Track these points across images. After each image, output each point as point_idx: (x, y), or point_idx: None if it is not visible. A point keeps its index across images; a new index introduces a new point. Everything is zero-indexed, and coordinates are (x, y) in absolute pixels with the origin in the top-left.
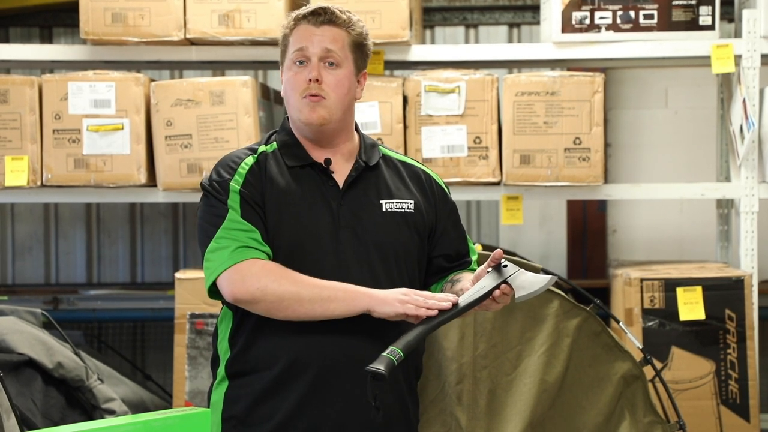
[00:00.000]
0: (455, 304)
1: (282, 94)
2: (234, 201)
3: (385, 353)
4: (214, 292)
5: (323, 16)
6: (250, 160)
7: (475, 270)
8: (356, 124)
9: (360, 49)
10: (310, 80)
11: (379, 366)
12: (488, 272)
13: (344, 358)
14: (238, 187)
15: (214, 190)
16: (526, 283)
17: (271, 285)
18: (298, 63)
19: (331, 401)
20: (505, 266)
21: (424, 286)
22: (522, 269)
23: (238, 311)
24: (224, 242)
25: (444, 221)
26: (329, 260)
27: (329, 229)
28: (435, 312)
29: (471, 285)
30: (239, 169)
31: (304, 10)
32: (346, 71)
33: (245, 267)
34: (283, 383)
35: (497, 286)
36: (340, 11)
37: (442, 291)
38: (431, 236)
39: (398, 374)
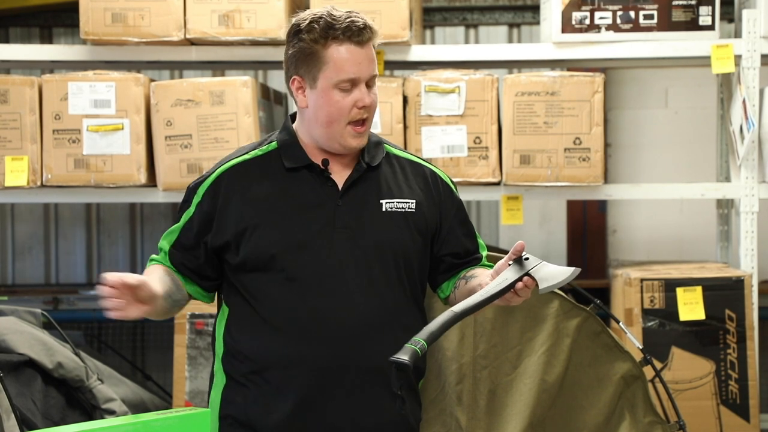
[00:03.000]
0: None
1: (303, 106)
2: (188, 214)
3: (408, 344)
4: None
5: (367, 34)
6: (235, 161)
7: (486, 266)
8: None
9: None
10: (363, 107)
11: (403, 356)
12: (509, 265)
13: (342, 361)
14: (198, 200)
15: (185, 195)
16: (549, 275)
17: None
18: (342, 89)
19: (329, 403)
20: (527, 259)
21: (435, 284)
22: (544, 261)
23: (230, 307)
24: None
25: (450, 220)
26: (322, 262)
27: (322, 231)
28: None
29: (491, 279)
30: (212, 175)
31: (340, 23)
32: (376, 86)
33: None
34: (284, 384)
35: (519, 279)
36: (369, 20)
37: (455, 288)
38: (438, 235)
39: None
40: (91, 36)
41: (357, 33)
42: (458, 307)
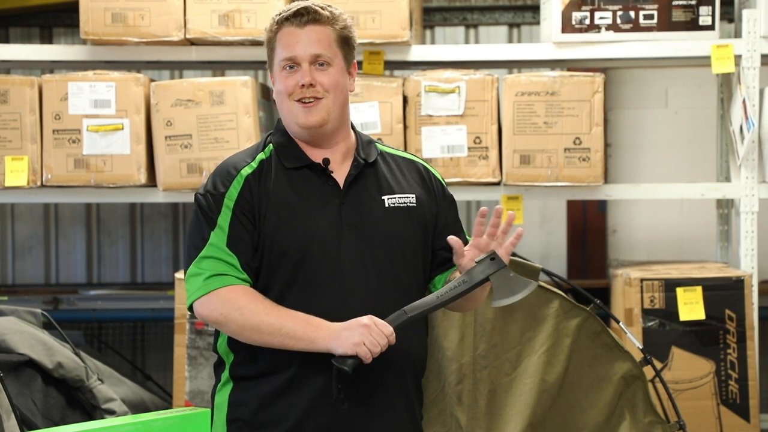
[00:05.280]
0: (439, 297)
1: (274, 96)
2: (224, 220)
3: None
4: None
5: (306, 16)
6: (247, 170)
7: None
8: (351, 122)
9: (347, 43)
10: (303, 85)
11: (344, 365)
12: (476, 263)
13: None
14: (232, 204)
15: (207, 205)
16: (506, 286)
17: (233, 313)
18: (288, 68)
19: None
20: (493, 259)
21: (427, 279)
22: (507, 266)
23: None
24: (202, 268)
25: (445, 214)
26: (334, 260)
27: (332, 230)
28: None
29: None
30: (234, 183)
31: (286, 11)
32: (337, 68)
33: (214, 294)
34: (292, 387)
35: (479, 283)
36: (322, 8)
37: (446, 283)
38: (434, 229)
39: (404, 372)
40: (91, 36)
41: (294, 15)
42: (409, 308)
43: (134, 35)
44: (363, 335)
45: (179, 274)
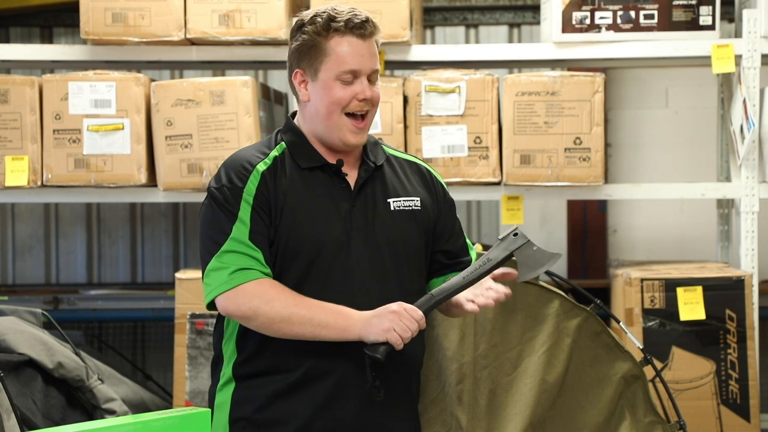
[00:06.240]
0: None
1: (305, 100)
2: (245, 214)
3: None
4: (212, 305)
5: (368, 28)
6: (261, 166)
7: None
8: None
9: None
10: (363, 99)
11: (375, 353)
12: (499, 240)
13: (360, 360)
14: (251, 199)
15: (224, 199)
16: (531, 259)
17: (263, 306)
18: (345, 80)
19: (348, 405)
20: (515, 234)
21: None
22: (530, 240)
23: None
24: (225, 262)
25: (445, 217)
26: (343, 262)
27: (343, 232)
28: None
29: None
30: (251, 178)
31: (345, 19)
32: (378, 81)
33: (240, 289)
34: (300, 387)
35: (505, 259)
36: (370, 17)
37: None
38: (433, 232)
39: (408, 370)
40: (91, 36)
41: (359, 26)
42: (437, 291)
43: (134, 35)
44: (393, 321)
45: (180, 274)
